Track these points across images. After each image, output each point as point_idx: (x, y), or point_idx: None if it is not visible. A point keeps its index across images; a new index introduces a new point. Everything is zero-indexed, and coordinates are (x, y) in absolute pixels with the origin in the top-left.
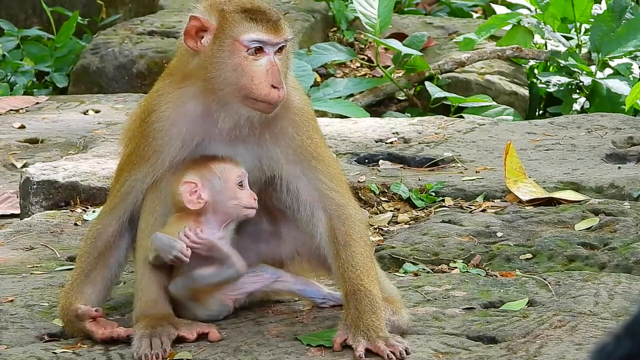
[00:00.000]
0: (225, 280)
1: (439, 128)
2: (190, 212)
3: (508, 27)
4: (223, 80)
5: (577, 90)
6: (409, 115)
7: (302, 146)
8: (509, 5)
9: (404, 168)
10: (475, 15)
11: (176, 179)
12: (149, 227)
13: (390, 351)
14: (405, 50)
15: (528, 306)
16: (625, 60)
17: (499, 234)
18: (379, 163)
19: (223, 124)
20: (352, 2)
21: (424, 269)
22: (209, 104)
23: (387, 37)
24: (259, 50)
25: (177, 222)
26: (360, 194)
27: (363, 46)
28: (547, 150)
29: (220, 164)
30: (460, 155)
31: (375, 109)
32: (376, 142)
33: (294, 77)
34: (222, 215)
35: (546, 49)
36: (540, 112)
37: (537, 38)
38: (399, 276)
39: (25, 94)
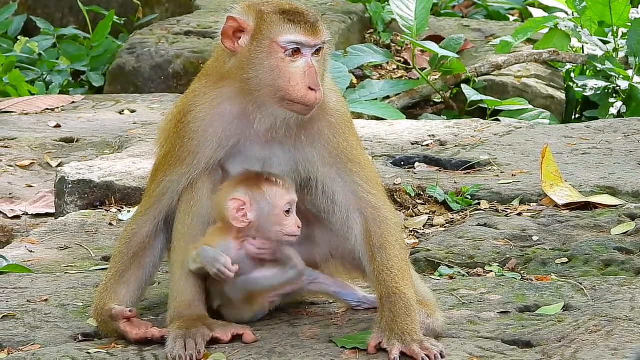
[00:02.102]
0: (287, 281)
1: (475, 131)
2: (232, 226)
3: (545, 31)
4: (260, 82)
5: (614, 95)
6: (445, 117)
7: (339, 148)
8: (546, 9)
9: (440, 171)
10: (512, 18)
11: (225, 189)
12: (185, 227)
13: (425, 354)
14: (442, 52)
15: (563, 310)
16: None
17: (535, 238)
18: (415, 165)
19: (259, 126)
20: (389, 4)
21: (460, 272)
22: (245, 105)
23: (424, 40)
24: (296, 51)
25: (218, 234)
26: (395, 197)
27: (399, 48)
28: (583, 154)
29: (272, 188)
30: (496, 159)
31: (411, 111)
32: (412, 144)
33: (330, 78)
34: (263, 236)
35: (583, 52)
36: (577, 116)
37: (574, 42)
38: (434, 279)
39: (61, 93)
